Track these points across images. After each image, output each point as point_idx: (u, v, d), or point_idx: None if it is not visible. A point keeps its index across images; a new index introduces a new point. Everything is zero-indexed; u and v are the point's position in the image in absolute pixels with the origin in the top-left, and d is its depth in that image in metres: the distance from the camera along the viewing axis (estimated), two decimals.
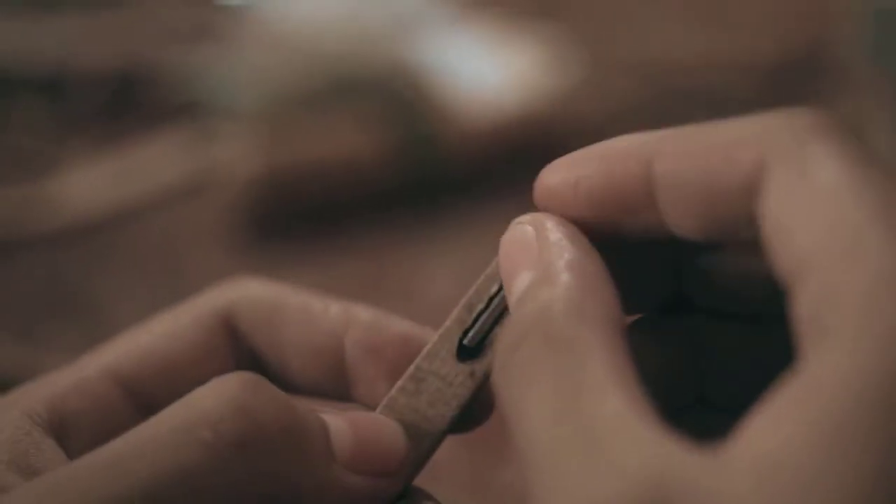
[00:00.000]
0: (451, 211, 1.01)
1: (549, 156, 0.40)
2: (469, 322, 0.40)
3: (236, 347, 0.44)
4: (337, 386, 0.44)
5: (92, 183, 1.05)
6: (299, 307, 0.44)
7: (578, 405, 0.31)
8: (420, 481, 0.41)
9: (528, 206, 0.40)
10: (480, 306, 0.40)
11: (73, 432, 0.40)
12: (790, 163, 0.32)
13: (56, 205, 1.03)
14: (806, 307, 0.31)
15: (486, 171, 1.03)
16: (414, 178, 1.02)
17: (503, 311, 0.40)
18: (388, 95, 1.04)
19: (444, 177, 1.02)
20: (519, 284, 0.36)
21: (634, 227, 0.37)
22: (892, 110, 0.97)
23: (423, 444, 0.40)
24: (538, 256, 0.36)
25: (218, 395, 0.35)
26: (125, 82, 1.16)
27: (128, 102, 1.16)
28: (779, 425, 0.28)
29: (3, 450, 0.37)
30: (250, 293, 0.45)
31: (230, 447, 0.34)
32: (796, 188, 0.32)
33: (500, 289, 0.39)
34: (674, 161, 0.35)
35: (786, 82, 1.16)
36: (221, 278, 0.95)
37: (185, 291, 0.93)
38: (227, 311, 0.44)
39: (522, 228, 0.38)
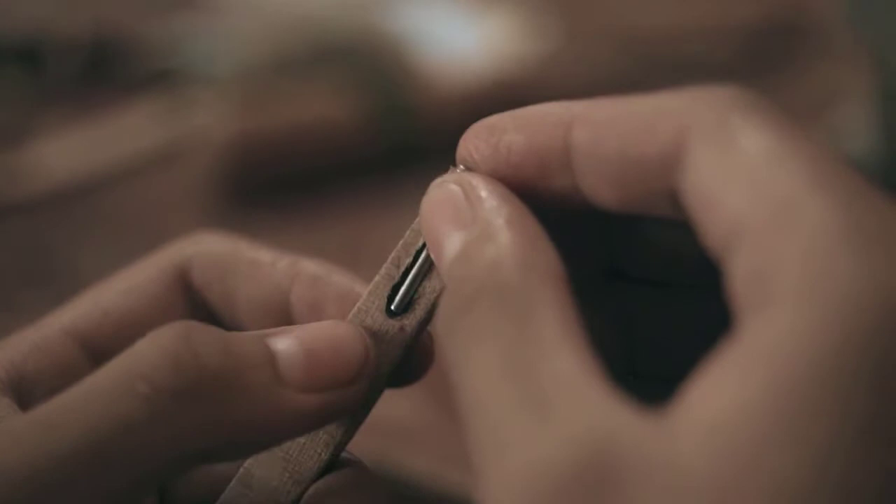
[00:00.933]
0: (427, 177, 1.00)
1: None
2: (397, 278, 0.40)
3: (191, 302, 0.45)
4: None
5: (68, 151, 1.05)
6: (249, 262, 0.44)
7: (530, 362, 0.31)
8: (399, 451, 0.41)
9: None
10: (408, 261, 0.40)
11: (32, 392, 0.40)
12: (713, 134, 0.32)
13: (33, 173, 1.02)
14: (742, 274, 0.31)
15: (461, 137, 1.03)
16: (389, 144, 1.02)
17: (430, 267, 0.40)
18: (365, 62, 1.04)
19: (419, 143, 1.02)
20: (452, 244, 0.36)
21: (554, 193, 0.37)
22: (871, 75, 0.97)
23: (388, 358, 0.40)
24: (473, 215, 0.36)
25: (153, 347, 0.35)
26: (101, 50, 1.16)
27: (104, 70, 1.15)
28: (723, 390, 0.28)
29: None
30: (205, 248, 0.45)
31: (167, 397, 0.34)
32: (721, 159, 0.32)
33: (425, 245, 0.40)
34: (592, 129, 0.35)
35: (765, 48, 1.16)
36: None
37: None
38: (183, 266, 0.45)
39: (448, 188, 0.38)
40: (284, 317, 0.44)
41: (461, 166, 0.39)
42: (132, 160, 1.05)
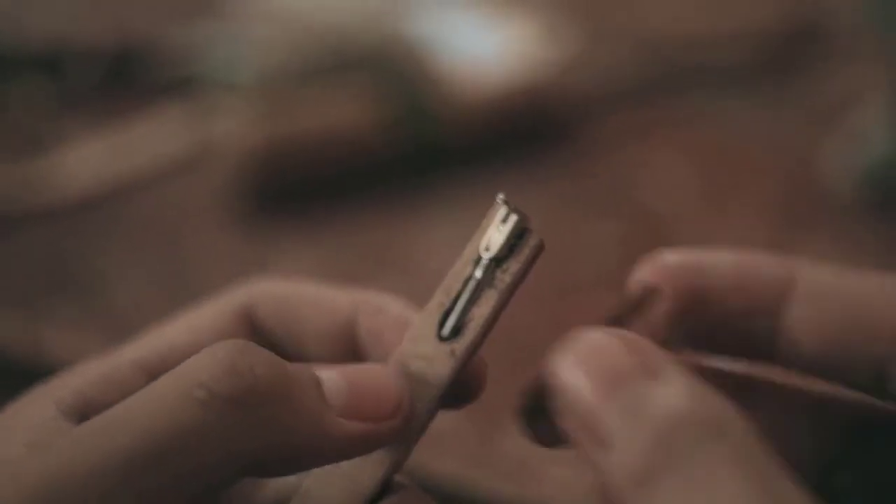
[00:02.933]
0: (449, 183, 1.01)
1: (547, 127, 0.41)
2: (447, 304, 0.41)
3: (257, 341, 0.44)
4: None
5: (91, 158, 1.05)
6: (313, 299, 0.46)
7: (779, 496, 0.31)
8: (426, 455, 0.42)
9: (524, 178, 0.41)
10: (458, 288, 0.41)
11: None
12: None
13: (56, 180, 1.03)
14: None
15: (484, 143, 1.03)
16: (412, 150, 1.02)
17: (479, 293, 0.41)
18: (387, 69, 1.04)
19: (441, 149, 1.02)
20: (623, 398, 0.34)
21: (746, 339, 0.40)
22: (890, 78, 0.97)
23: (413, 423, 0.41)
24: (644, 364, 0.34)
25: (211, 358, 0.37)
26: (123, 57, 1.16)
27: (126, 78, 1.16)
28: None
29: (27, 433, 0.39)
30: (268, 289, 0.47)
31: (224, 404, 0.35)
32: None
33: (475, 270, 0.41)
34: (819, 289, 0.38)
35: (784, 52, 1.16)
36: (220, 252, 0.95)
37: (184, 265, 0.94)
38: (247, 306, 0.46)
39: (597, 337, 0.36)
40: (351, 348, 0.45)
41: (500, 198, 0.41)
42: (155, 167, 1.05)
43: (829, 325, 0.37)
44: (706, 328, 0.40)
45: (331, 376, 0.39)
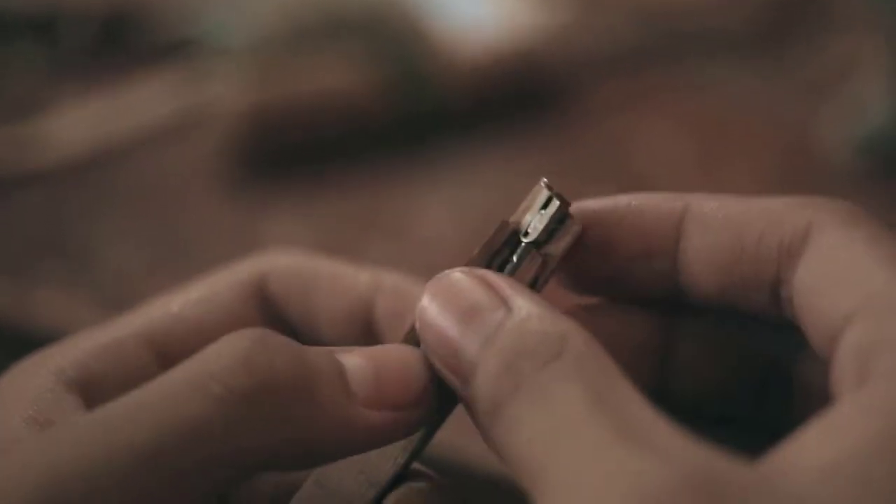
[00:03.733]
0: (444, 148, 1.01)
1: (541, 93, 0.41)
2: (485, 264, 0.40)
3: (268, 315, 0.45)
4: None
5: (83, 122, 1.05)
6: (329, 275, 0.45)
7: (620, 402, 0.32)
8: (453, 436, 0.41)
9: (518, 143, 0.41)
10: (495, 248, 0.40)
11: (99, 391, 0.40)
12: (835, 233, 0.36)
13: (48, 145, 1.02)
14: (846, 354, 0.33)
15: (479, 108, 1.03)
16: (406, 115, 1.01)
17: (523, 254, 0.40)
18: (380, 32, 1.03)
19: (436, 114, 1.02)
20: (522, 305, 0.36)
21: (648, 276, 0.40)
22: (888, 48, 0.97)
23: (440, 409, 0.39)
24: (494, 296, 0.36)
25: (228, 351, 0.35)
26: (115, 21, 1.16)
27: (118, 42, 1.15)
28: (835, 439, 0.31)
29: (26, 406, 0.38)
30: (282, 263, 0.46)
31: (240, 399, 0.34)
32: (838, 256, 0.35)
33: (511, 254, 0.40)
34: (707, 218, 0.39)
35: (781, 20, 1.15)
36: (211, 217, 0.95)
37: (174, 229, 0.94)
38: (260, 279, 0.45)
39: (451, 279, 0.38)
40: (367, 329, 0.45)
41: (544, 182, 0.41)
42: (147, 131, 1.05)
43: (719, 255, 0.38)
44: (611, 274, 0.41)
45: (356, 363, 0.37)
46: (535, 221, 0.41)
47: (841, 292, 0.34)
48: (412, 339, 0.39)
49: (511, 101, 1.03)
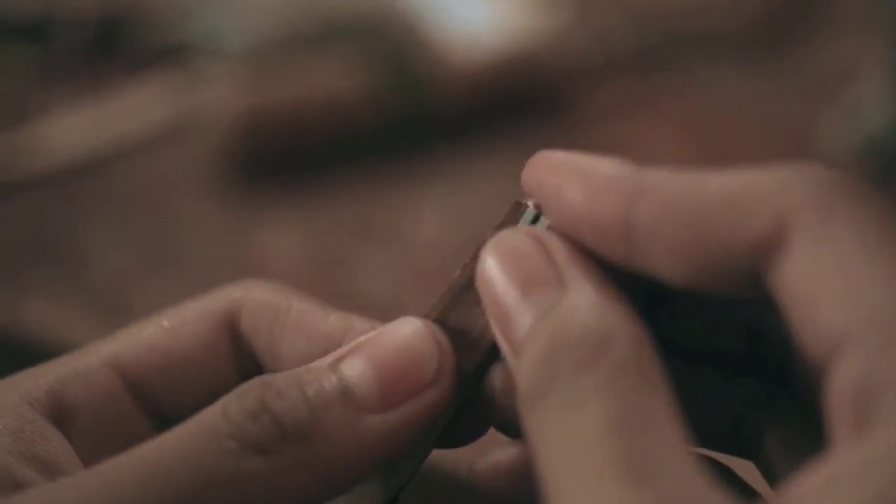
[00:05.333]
0: (440, 153, 1.00)
1: (539, 97, 0.40)
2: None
3: (237, 347, 0.45)
4: None
5: (76, 127, 1.04)
6: (299, 314, 0.44)
7: (638, 430, 0.31)
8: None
9: (515, 148, 0.40)
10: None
11: (72, 420, 0.41)
12: (815, 226, 0.32)
13: (40, 150, 1.02)
14: (844, 389, 0.31)
15: (475, 112, 1.02)
16: (401, 120, 1.01)
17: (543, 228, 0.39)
18: (377, 36, 1.03)
19: (432, 119, 1.02)
20: (540, 302, 0.35)
21: (604, 252, 0.36)
22: (888, 50, 0.96)
23: (473, 355, 0.39)
24: (558, 276, 0.35)
25: (235, 407, 0.36)
26: (109, 26, 1.16)
27: (112, 46, 1.15)
28: (835, 495, 0.29)
29: (8, 439, 0.38)
30: (254, 296, 0.45)
31: (255, 453, 0.35)
32: (823, 257, 0.32)
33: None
34: (662, 208, 0.34)
35: (781, 23, 1.15)
36: (204, 222, 0.94)
37: (168, 235, 0.93)
38: (231, 311, 0.45)
39: (517, 241, 0.37)
40: None
41: (531, 202, 0.39)
42: (141, 136, 1.04)
43: (680, 251, 0.34)
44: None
45: (357, 370, 0.38)
46: None
47: (833, 303, 0.31)
48: (447, 303, 0.40)
49: (508, 106, 1.03)
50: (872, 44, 1.00)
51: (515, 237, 0.37)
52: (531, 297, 0.35)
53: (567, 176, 0.38)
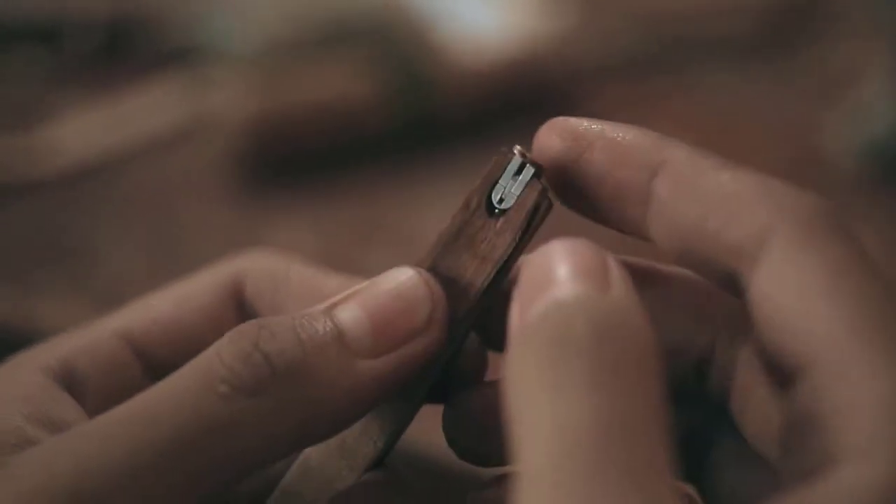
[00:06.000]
0: (447, 155, 1.00)
1: (544, 100, 0.40)
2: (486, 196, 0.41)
3: (244, 315, 0.45)
4: None
5: (86, 130, 1.05)
6: (301, 279, 0.45)
7: (627, 430, 0.31)
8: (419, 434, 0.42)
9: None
10: (496, 179, 0.41)
11: (83, 388, 0.42)
12: (792, 247, 0.33)
13: (50, 152, 1.02)
14: (807, 405, 0.32)
15: (482, 115, 1.02)
16: (409, 122, 1.01)
17: (529, 177, 0.40)
18: (384, 40, 1.03)
19: (439, 121, 1.02)
20: (575, 285, 0.34)
21: (618, 217, 0.38)
22: (890, 54, 0.96)
23: (466, 300, 0.40)
24: (602, 269, 0.35)
25: (228, 350, 0.37)
26: (119, 28, 1.16)
27: (121, 48, 1.15)
28: None
29: (22, 404, 0.39)
30: (258, 264, 0.46)
31: (247, 396, 0.36)
32: (799, 272, 0.33)
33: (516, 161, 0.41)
34: (678, 188, 0.37)
35: (785, 27, 1.15)
36: (214, 224, 0.95)
37: (177, 237, 0.94)
38: (236, 279, 0.46)
39: (580, 244, 0.36)
40: None
41: (517, 150, 0.41)
42: (150, 138, 1.05)
43: (682, 228, 0.36)
44: (582, 195, 0.39)
45: (352, 316, 0.38)
46: (509, 188, 0.41)
47: (792, 331, 0.32)
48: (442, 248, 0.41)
49: (514, 108, 1.03)
50: (876, 47, 1.00)
51: (580, 242, 0.36)
52: (578, 278, 0.34)
53: (592, 141, 0.39)
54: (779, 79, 1.09)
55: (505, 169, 0.41)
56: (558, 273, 0.34)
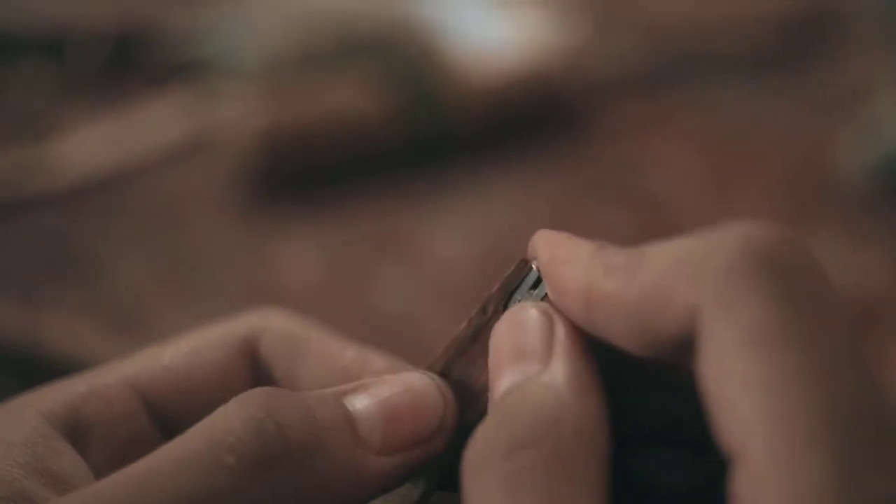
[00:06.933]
0: (456, 170, 1.00)
1: (554, 115, 0.40)
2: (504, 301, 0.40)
3: (255, 373, 0.45)
4: None
5: (94, 143, 1.05)
6: (318, 345, 0.45)
7: None
8: None
9: (531, 165, 0.41)
10: (515, 285, 0.40)
11: (88, 437, 0.41)
12: (715, 317, 0.32)
13: (57, 165, 1.02)
14: (743, 489, 0.30)
15: (491, 130, 1.02)
16: (418, 137, 1.01)
17: (544, 293, 0.39)
18: (393, 54, 1.03)
19: (448, 136, 1.02)
20: (512, 375, 0.36)
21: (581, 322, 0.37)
22: None
23: (478, 405, 0.40)
24: (543, 353, 0.36)
25: (239, 417, 0.36)
26: (126, 42, 1.16)
27: (129, 62, 1.15)
28: None
29: (21, 453, 0.38)
30: (275, 323, 0.46)
31: (254, 468, 0.35)
32: (719, 354, 0.31)
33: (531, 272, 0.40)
34: (608, 301, 0.35)
35: (795, 40, 1.15)
36: (222, 239, 0.95)
37: (185, 251, 0.94)
38: (251, 336, 0.45)
39: (529, 313, 0.37)
40: None
41: (535, 265, 0.40)
42: (157, 153, 1.05)
43: (625, 337, 0.35)
44: None
45: (365, 407, 0.38)
46: (525, 298, 0.40)
47: (722, 420, 0.31)
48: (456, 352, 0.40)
49: (524, 123, 1.03)
50: (887, 63, 1.00)
51: (527, 308, 0.37)
52: (517, 365, 0.35)
53: (557, 251, 0.38)
54: (790, 94, 1.09)
55: (523, 280, 0.40)
56: (500, 362, 0.36)
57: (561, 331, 0.36)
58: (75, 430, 0.40)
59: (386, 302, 0.86)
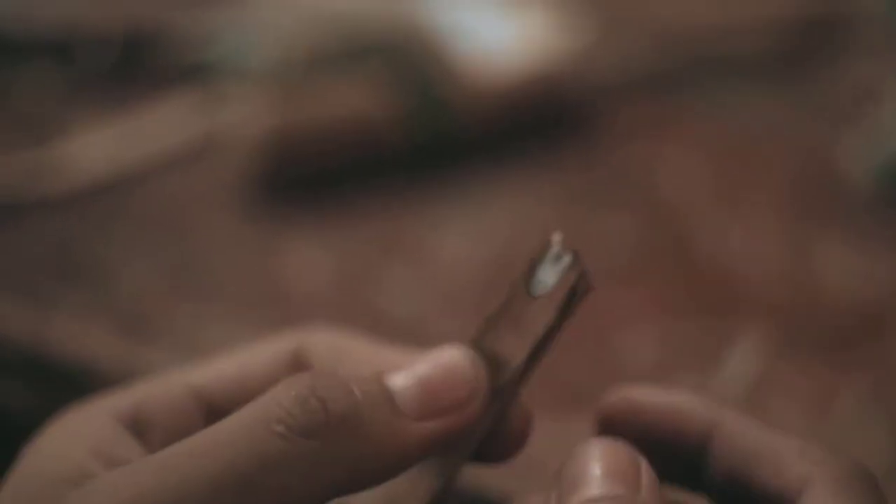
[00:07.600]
0: (462, 173, 1.00)
1: (562, 118, 0.42)
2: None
3: None
4: None
5: (100, 146, 1.05)
6: (365, 351, 0.49)
7: None
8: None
9: (538, 168, 0.42)
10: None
11: (150, 432, 0.46)
12: (831, 493, 0.39)
13: (64, 168, 1.02)
14: None
15: (499, 133, 1.03)
16: (426, 140, 1.01)
17: (566, 265, 0.44)
18: (400, 57, 1.03)
19: (455, 139, 1.02)
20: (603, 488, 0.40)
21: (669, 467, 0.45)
22: None
23: (507, 374, 0.44)
24: (635, 475, 0.41)
25: (286, 394, 0.40)
26: (133, 44, 1.16)
27: (136, 65, 1.15)
28: None
29: (87, 441, 0.42)
30: (323, 338, 0.50)
31: (301, 438, 0.39)
32: None
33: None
34: (731, 445, 0.44)
35: (802, 44, 1.15)
36: (229, 242, 0.95)
37: (192, 254, 0.94)
38: (299, 348, 0.50)
39: (617, 443, 0.42)
40: None
41: (555, 239, 0.45)
42: (164, 155, 1.05)
43: (734, 478, 0.43)
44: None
45: (402, 382, 0.43)
46: (550, 272, 0.45)
47: None
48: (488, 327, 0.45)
49: (532, 126, 1.03)
50: (892, 67, 1.00)
51: (617, 444, 0.42)
52: (611, 479, 0.40)
53: (650, 410, 0.46)
54: (796, 98, 1.09)
55: (546, 255, 0.45)
56: (593, 472, 0.40)
57: (644, 463, 0.41)
58: (139, 425, 0.45)
59: (393, 305, 0.86)
